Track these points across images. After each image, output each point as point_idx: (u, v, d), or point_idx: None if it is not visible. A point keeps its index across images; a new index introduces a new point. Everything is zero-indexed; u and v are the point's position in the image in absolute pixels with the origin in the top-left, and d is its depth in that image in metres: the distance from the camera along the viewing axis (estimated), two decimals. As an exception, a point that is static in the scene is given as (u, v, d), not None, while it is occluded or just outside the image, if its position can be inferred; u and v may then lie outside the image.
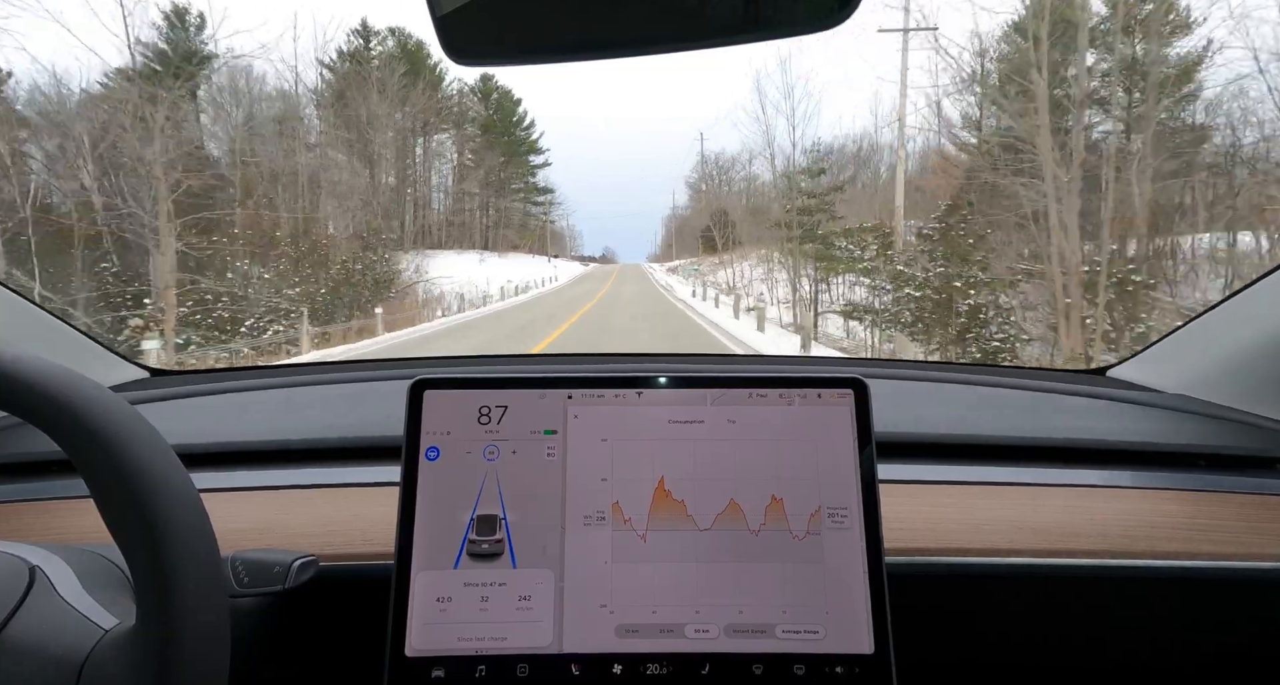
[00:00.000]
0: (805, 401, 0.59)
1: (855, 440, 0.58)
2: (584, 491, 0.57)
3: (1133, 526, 0.68)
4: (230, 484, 0.77)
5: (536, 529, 0.56)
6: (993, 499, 0.73)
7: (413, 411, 0.58)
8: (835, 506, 0.57)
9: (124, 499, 0.40)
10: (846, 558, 0.56)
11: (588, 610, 0.55)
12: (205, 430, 0.88)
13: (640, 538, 0.56)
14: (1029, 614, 0.67)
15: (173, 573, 0.39)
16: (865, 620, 0.54)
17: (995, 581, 0.65)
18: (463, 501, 0.56)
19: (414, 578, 0.55)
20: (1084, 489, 0.75)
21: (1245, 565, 0.64)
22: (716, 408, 0.59)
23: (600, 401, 0.59)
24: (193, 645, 0.39)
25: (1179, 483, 0.77)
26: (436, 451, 0.58)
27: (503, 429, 0.58)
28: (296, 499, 0.74)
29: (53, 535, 0.68)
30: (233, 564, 0.56)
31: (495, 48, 0.54)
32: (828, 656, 0.54)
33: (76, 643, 0.42)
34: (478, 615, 0.54)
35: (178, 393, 1.02)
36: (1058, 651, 0.68)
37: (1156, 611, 0.66)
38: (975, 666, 0.69)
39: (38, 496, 0.75)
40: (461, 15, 0.50)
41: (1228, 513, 0.71)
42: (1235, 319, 0.93)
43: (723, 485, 0.57)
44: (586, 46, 0.53)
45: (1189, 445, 0.84)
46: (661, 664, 0.54)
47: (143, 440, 0.42)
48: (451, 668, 0.53)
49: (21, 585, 0.45)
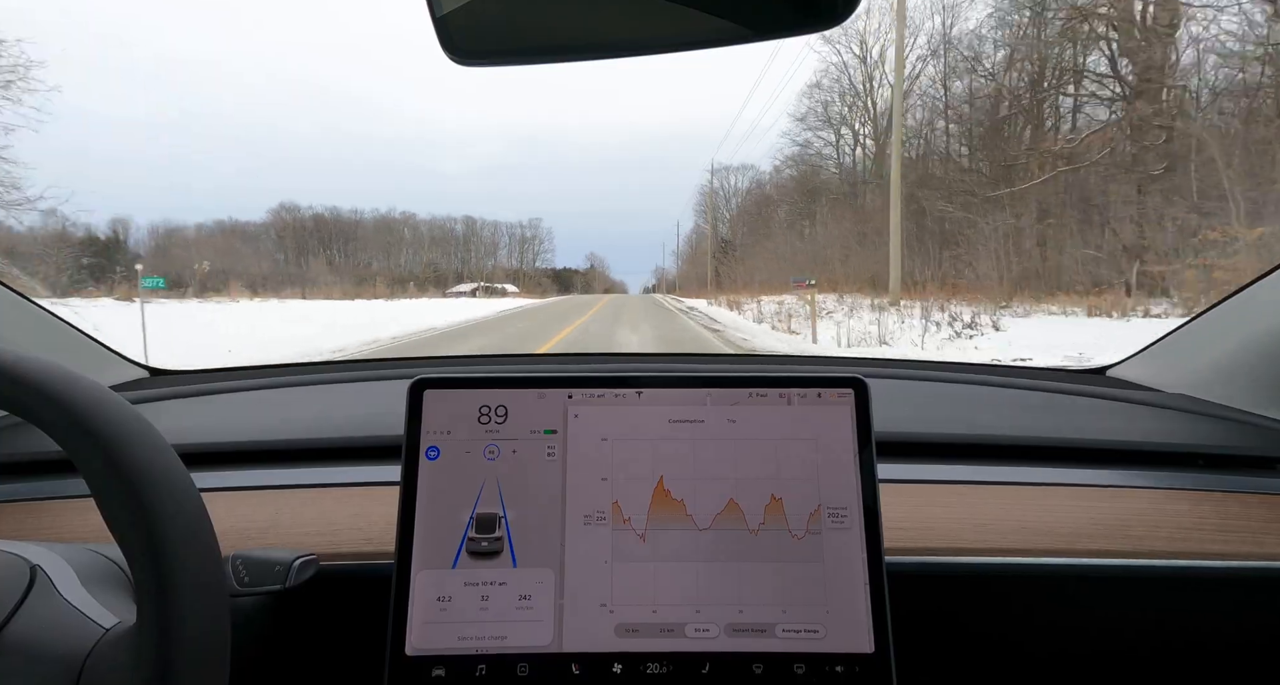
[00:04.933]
0: (805, 401, 0.59)
1: (855, 440, 0.58)
2: (584, 491, 0.57)
3: (1132, 525, 0.68)
4: (230, 483, 0.77)
5: (536, 528, 0.56)
6: (992, 498, 0.73)
7: (413, 411, 0.58)
8: (835, 506, 0.57)
9: (124, 498, 0.40)
10: (846, 557, 0.56)
11: (588, 609, 0.55)
12: (205, 429, 0.88)
13: (639, 537, 0.56)
14: (1028, 613, 0.67)
15: (173, 572, 0.39)
16: (865, 619, 0.55)
17: (995, 581, 0.65)
18: (463, 501, 0.57)
19: (414, 577, 0.55)
20: (1084, 488, 0.75)
21: (1246, 565, 0.64)
22: (716, 407, 0.59)
23: (600, 401, 0.59)
24: (193, 644, 0.39)
25: (1179, 482, 0.77)
26: (437, 451, 0.58)
27: (503, 428, 0.58)
28: (297, 498, 0.74)
29: (53, 534, 0.68)
30: (233, 563, 0.56)
31: (495, 48, 0.54)
32: (828, 656, 0.54)
33: (77, 642, 0.43)
34: (478, 614, 0.54)
35: (178, 392, 1.02)
36: (1057, 650, 0.68)
37: (1157, 611, 0.66)
38: (975, 666, 0.69)
39: (38, 496, 0.75)
40: (461, 15, 0.50)
41: (1228, 512, 0.71)
42: (1235, 318, 0.93)
43: (722, 485, 0.57)
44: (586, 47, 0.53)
45: (1189, 445, 0.84)
46: (661, 663, 0.54)
47: (143, 440, 0.42)
48: (451, 667, 0.53)
49: (22, 584, 0.45)
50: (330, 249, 66.04)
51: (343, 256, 66.41)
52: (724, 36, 0.50)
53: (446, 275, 67.71)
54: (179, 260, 50.68)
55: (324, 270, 59.02)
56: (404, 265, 67.82)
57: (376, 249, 68.00)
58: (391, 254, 68.44)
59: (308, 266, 58.97)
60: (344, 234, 67.30)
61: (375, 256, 67.45)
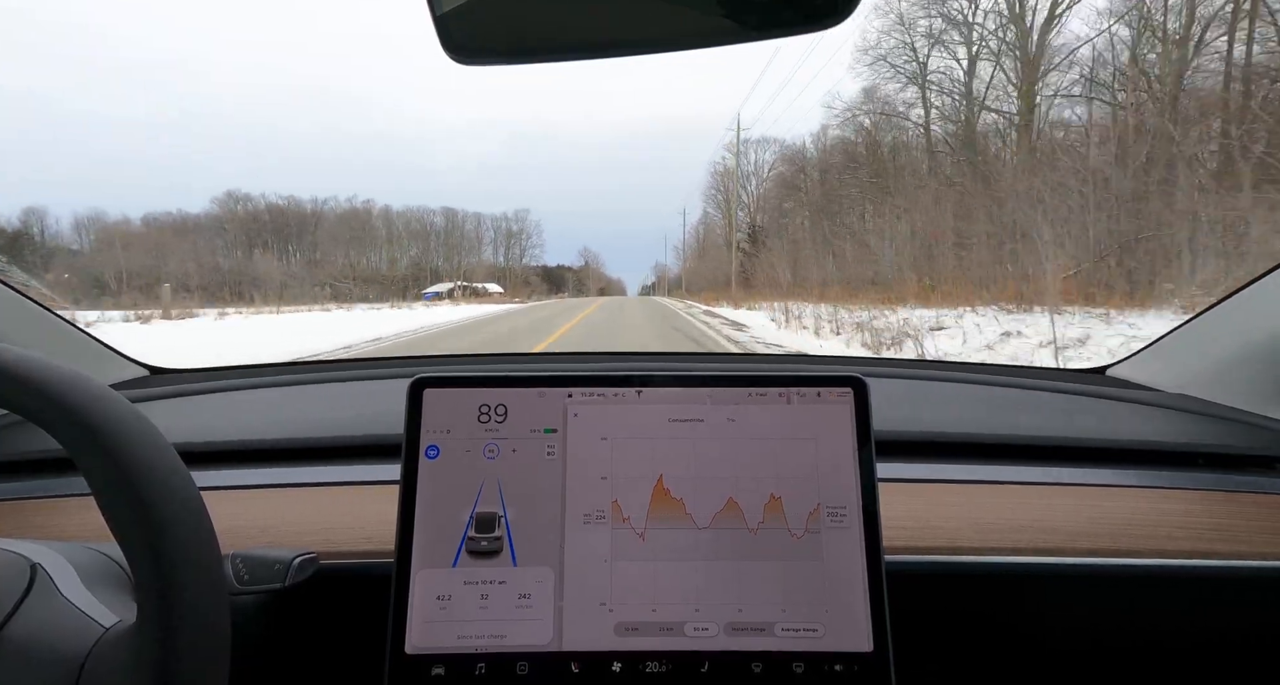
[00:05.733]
0: (805, 400, 0.59)
1: (855, 439, 0.58)
2: (583, 490, 0.57)
3: (1132, 525, 0.68)
4: (230, 482, 0.77)
5: (536, 527, 0.56)
6: (992, 498, 0.73)
7: (413, 410, 0.58)
8: (834, 505, 0.57)
9: (124, 497, 0.40)
10: (846, 556, 0.56)
11: (587, 608, 0.55)
12: (205, 428, 0.88)
13: (639, 536, 0.56)
14: (1028, 612, 0.67)
15: (173, 570, 0.40)
16: (864, 618, 0.55)
17: (994, 580, 0.65)
18: (462, 500, 0.57)
19: (414, 575, 0.55)
20: (1083, 488, 0.75)
21: (1246, 564, 0.64)
22: (716, 406, 0.59)
23: (600, 400, 0.59)
24: (193, 642, 0.39)
25: (1178, 482, 0.77)
26: (436, 450, 0.58)
27: (502, 428, 0.58)
28: (297, 497, 0.74)
29: (54, 533, 0.68)
30: (233, 561, 0.56)
31: (495, 47, 0.54)
32: (827, 654, 0.54)
33: (77, 640, 0.43)
34: (477, 613, 0.54)
35: (178, 391, 1.03)
36: (1056, 649, 0.68)
37: (1157, 610, 0.66)
38: (974, 665, 0.69)
39: (39, 495, 0.75)
40: (461, 15, 0.50)
41: (1228, 512, 0.71)
42: (1235, 318, 0.93)
43: (721, 484, 0.57)
44: (586, 46, 0.53)
45: (1188, 444, 0.84)
46: (661, 662, 0.54)
47: (143, 438, 0.42)
48: (451, 665, 0.53)
49: (22, 583, 0.45)
50: (287, 246, 56.45)
51: (299, 255, 57.29)
52: (724, 36, 0.50)
53: (424, 273, 58.25)
54: (106, 261, 44.71)
55: (274, 270, 50.60)
56: (370, 264, 58.36)
57: (339, 245, 58.49)
58: (354, 251, 58.74)
59: (253, 266, 50.56)
60: (303, 227, 57.64)
61: (340, 253, 57.90)
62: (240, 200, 59.16)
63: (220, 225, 56.51)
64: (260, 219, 57.94)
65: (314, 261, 56.67)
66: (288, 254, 57.61)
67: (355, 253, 59.35)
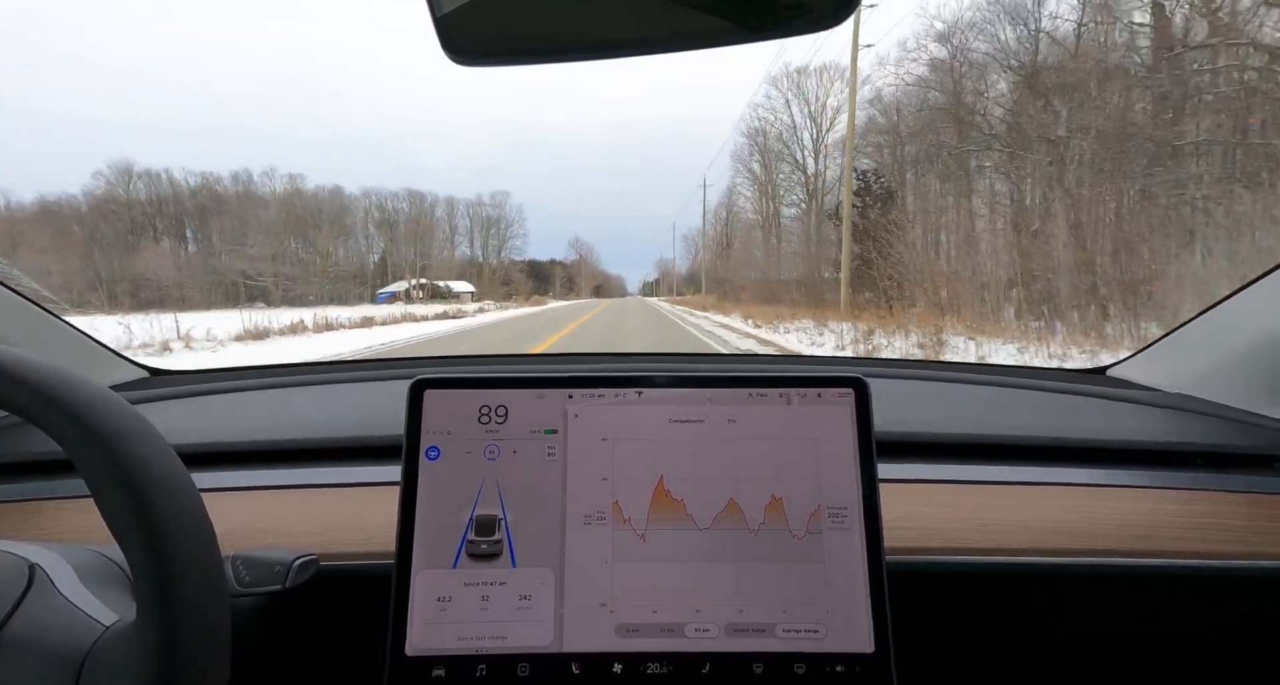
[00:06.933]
0: (805, 401, 0.59)
1: (855, 440, 0.58)
2: (584, 491, 0.57)
3: (1132, 525, 0.68)
4: (231, 483, 0.77)
5: (536, 528, 0.56)
6: (993, 498, 0.73)
7: (413, 411, 0.58)
8: (835, 506, 0.57)
9: (124, 498, 0.40)
10: (847, 557, 0.56)
11: (588, 609, 0.55)
12: (205, 430, 0.88)
13: (640, 537, 0.56)
14: (1028, 613, 0.67)
15: (173, 572, 0.39)
16: (865, 619, 0.55)
17: (995, 580, 0.65)
18: (463, 500, 0.57)
19: (414, 577, 0.55)
20: (1084, 488, 0.75)
21: (1246, 564, 0.64)
22: (716, 407, 0.59)
23: (600, 401, 0.59)
24: (193, 643, 0.39)
25: (1178, 481, 0.77)
26: (437, 451, 0.58)
27: (503, 428, 0.58)
28: (297, 498, 0.74)
29: (53, 534, 0.68)
30: (233, 563, 0.56)
31: (495, 48, 0.54)
32: (828, 656, 0.54)
33: (77, 639, 0.43)
34: (478, 614, 0.54)
35: (178, 392, 1.03)
36: (1057, 649, 0.68)
37: (1157, 610, 0.66)
38: (975, 665, 0.69)
39: (38, 496, 0.75)
40: (461, 15, 0.50)
41: (1227, 511, 0.71)
42: (1235, 318, 0.93)
43: (722, 485, 0.57)
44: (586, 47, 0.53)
45: (1188, 444, 0.84)
46: (661, 663, 0.54)
47: (143, 440, 0.42)
48: (452, 667, 0.53)
49: (21, 583, 0.45)
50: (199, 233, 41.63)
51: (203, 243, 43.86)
52: (724, 36, 0.50)
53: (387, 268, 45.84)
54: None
55: (170, 270, 39.59)
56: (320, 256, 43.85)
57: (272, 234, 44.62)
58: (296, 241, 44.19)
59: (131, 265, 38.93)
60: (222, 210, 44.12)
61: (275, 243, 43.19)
62: (136, 177, 45.64)
63: (101, 207, 43.56)
64: (165, 200, 44.66)
65: (228, 253, 42.74)
66: (201, 242, 43.40)
67: (299, 243, 45.42)
